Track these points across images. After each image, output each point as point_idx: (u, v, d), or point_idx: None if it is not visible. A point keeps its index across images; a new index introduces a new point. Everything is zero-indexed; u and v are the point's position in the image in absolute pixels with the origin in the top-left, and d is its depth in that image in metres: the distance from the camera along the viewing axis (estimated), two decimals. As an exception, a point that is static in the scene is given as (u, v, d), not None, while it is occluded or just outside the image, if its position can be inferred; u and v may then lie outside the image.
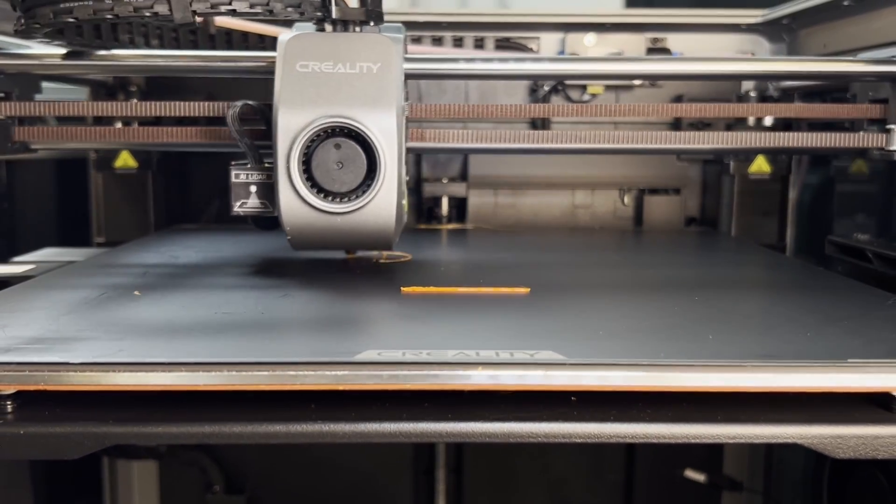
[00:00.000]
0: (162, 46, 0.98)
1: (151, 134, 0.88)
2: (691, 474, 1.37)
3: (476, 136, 0.87)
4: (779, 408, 0.55)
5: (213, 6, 0.68)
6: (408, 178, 0.85)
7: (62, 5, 0.69)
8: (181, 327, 0.64)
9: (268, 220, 0.81)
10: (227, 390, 0.54)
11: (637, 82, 1.27)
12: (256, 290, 0.78)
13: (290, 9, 0.70)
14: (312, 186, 0.74)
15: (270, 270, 0.89)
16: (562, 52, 1.26)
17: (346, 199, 0.74)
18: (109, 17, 0.68)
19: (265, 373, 0.53)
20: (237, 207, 0.79)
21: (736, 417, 0.54)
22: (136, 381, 0.53)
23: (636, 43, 1.25)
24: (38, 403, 0.55)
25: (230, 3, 0.68)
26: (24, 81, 0.92)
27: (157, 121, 1.07)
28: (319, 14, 0.73)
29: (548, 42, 1.26)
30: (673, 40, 1.25)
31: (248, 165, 0.79)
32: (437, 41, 1.23)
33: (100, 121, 1.11)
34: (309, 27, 0.77)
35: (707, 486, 1.37)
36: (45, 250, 1.08)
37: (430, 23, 1.22)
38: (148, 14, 0.68)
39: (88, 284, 0.80)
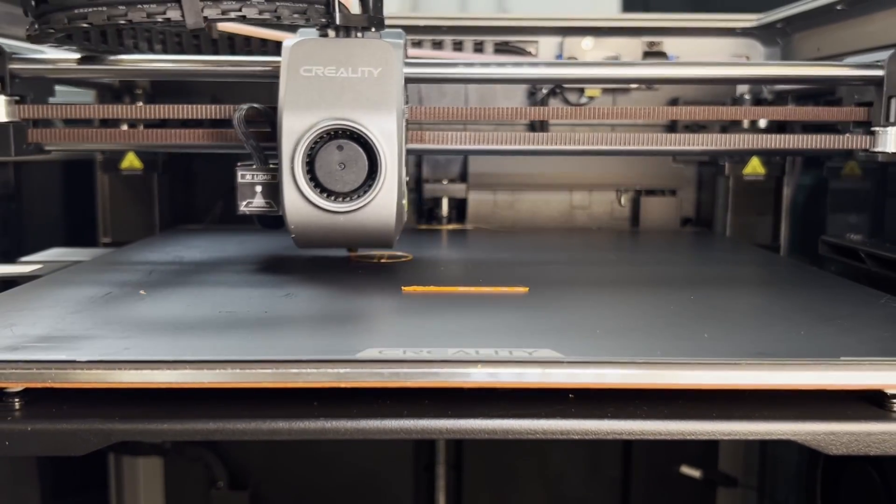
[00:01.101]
0: (165, 51, 0.99)
1: (159, 136, 0.90)
2: (687, 470, 1.37)
3: (473, 137, 0.88)
4: (773, 405, 0.55)
5: (223, 12, 0.68)
6: (408, 179, 0.86)
7: (77, 11, 0.69)
8: (186, 326, 0.64)
9: (272, 219, 0.82)
10: (231, 388, 0.54)
11: (634, 85, 1.27)
12: (260, 290, 0.78)
13: (296, 15, 0.71)
14: (316, 186, 0.75)
15: (273, 270, 0.89)
16: (559, 56, 1.26)
17: (348, 198, 0.75)
18: (123, 22, 0.68)
19: (268, 371, 0.53)
20: (243, 206, 0.81)
21: (731, 414, 0.54)
22: (141, 379, 0.53)
23: (633, 46, 1.25)
24: (45, 401, 0.55)
25: (240, 10, 0.68)
26: (38, 85, 0.94)
27: (163, 123, 1.07)
28: (324, 20, 0.74)
29: (546, 45, 1.26)
30: (669, 44, 1.25)
31: (254, 166, 0.80)
32: (438, 45, 1.23)
33: (106, 123, 1.11)
34: (312, 33, 0.78)
35: (702, 482, 1.37)
36: (52, 250, 1.08)
37: (431, 27, 1.22)
38: (160, 20, 0.68)
39: (95, 284, 0.80)
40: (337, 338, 0.64)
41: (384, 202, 0.75)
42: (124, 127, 1.13)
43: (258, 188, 0.80)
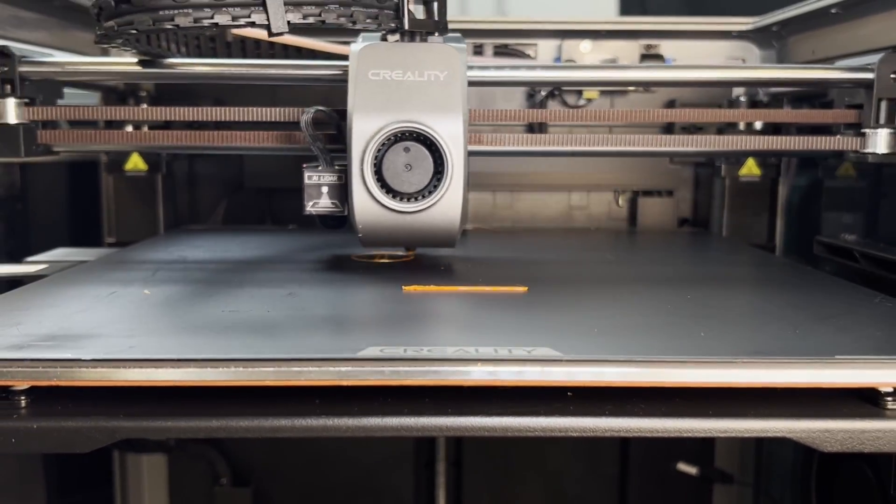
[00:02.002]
0: (188, 54, 0.99)
1: (167, 137, 0.91)
2: (683, 467, 1.37)
3: (500, 139, 0.89)
4: (768, 403, 0.55)
5: (304, 17, 0.69)
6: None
7: (162, 13, 0.69)
8: (189, 325, 0.64)
9: (335, 220, 0.83)
10: (234, 386, 0.54)
11: (631, 88, 1.27)
12: (262, 289, 0.78)
13: (368, 20, 0.72)
14: (383, 187, 0.77)
15: (276, 270, 0.89)
16: (558, 59, 1.26)
17: (413, 199, 0.77)
18: (206, 24, 0.68)
19: (271, 369, 0.53)
20: (310, 207, 0.81)
21: (727, 412, 0.55)
22: (145, 377, 0.53)
23: (630, 49, 1.25)
24: (50, 399, 0.55)
25: (320, 15, 0.69)
26: (48, 88, 0.94)
27: (167, 125, 1.07)
28: (393, 25, 0.75)
29: (545, 48, 1.26)
30: (666, 47, 1.25)
31: (320, 168, 0.81)
32: (438, 48, 1.22)
33: (111, 124, 1.11)
34: (375, 38, 0.80)
35: (699, 479, 1.37)
36: (57, 250, 1.08)
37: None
38: (244, 22, 0.68)
39: (99, 283, 0.80)
40: (339, 336, 0.64)
41: (450, 203, 0.77)
42: (129, 128, 1.13)
43: (324, 189, 0.81)
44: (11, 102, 0.86)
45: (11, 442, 0.53)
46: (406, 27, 0.75)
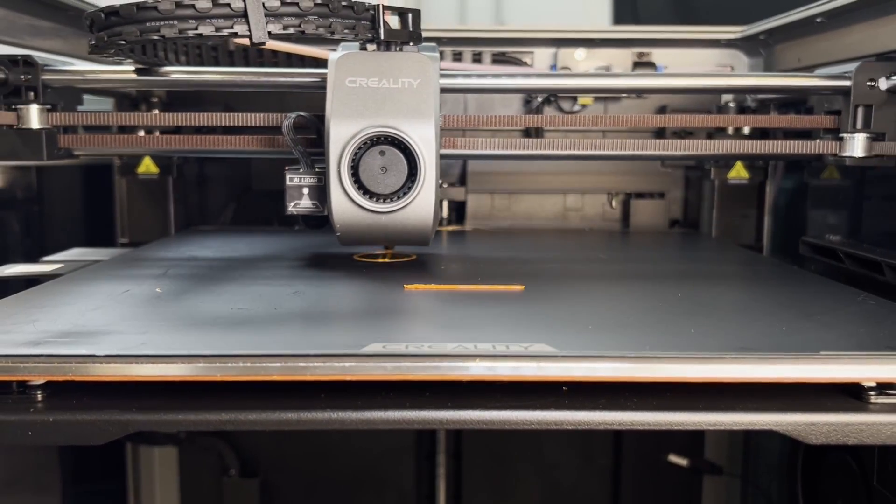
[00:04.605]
0: (188, 63, 0.99)
1: (178, 141, 0.92)
2: (674, 459, 1.37)
3: (498, 143, 0.90)
4: (756, 397, 0.55)
5: (285, 27, 0.70)
6: (442, 183, 0.88)
7: (149, 24, 0.70)
8: (199, 322, 0.64)
9: (316, 220, 0.84)
10: (242, 381, 0.54)
11: (624, 94, 1.27)
12: (269, 288, 0.78)
13: (346, 31, 0.73)
14: (360, 188, 0.77)
15: (282, 269, 0.89)
16: (554, 66, 1.26)
17: (389, 199, 0.77)
18: (192, 35, 0.69)
19: (277, 364, 0.53)
20: (291, 207, 0.83)
21: (716, 406, 0.55)
22: (157, 372, 0.53)
23: (623, 57, 1.25)
24: (66, 393, 0.55)
25: (300, 26, 0.70)
26: (68, 94, 0.95)
27: (177, 129, 1.07)
28: (369, 35, 0.76)
29: (541, 56, 1.26)
30: (658, 54, 1.25)
31: (301, 170, 0.82)
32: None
33: (123, 129, 1.11)
34: (353, 47, 0.81)
35: (689, 470, 1.37)
36: (72, 250, 1.08)
37: (431, 38, 1.21)
38: (227, 33, 0.69)
39: (113, 282, 0.80)
40: (343, 333, 0.64)
41: (423, 203, 0.77)
42: (142, 133, 1.13)
43: (305, 190, 0.82)
44: (35, 109, 0.87)
45: (28, 434, 0.53)
46: (382, 37, 0.77)
